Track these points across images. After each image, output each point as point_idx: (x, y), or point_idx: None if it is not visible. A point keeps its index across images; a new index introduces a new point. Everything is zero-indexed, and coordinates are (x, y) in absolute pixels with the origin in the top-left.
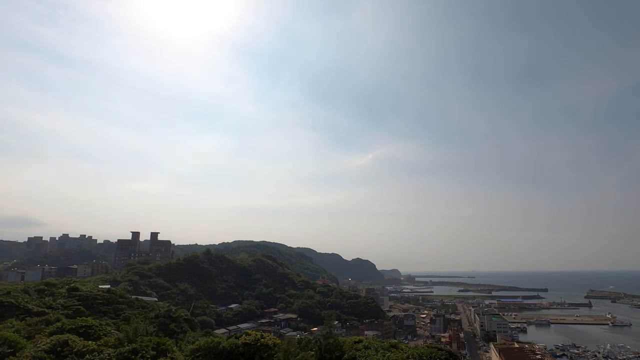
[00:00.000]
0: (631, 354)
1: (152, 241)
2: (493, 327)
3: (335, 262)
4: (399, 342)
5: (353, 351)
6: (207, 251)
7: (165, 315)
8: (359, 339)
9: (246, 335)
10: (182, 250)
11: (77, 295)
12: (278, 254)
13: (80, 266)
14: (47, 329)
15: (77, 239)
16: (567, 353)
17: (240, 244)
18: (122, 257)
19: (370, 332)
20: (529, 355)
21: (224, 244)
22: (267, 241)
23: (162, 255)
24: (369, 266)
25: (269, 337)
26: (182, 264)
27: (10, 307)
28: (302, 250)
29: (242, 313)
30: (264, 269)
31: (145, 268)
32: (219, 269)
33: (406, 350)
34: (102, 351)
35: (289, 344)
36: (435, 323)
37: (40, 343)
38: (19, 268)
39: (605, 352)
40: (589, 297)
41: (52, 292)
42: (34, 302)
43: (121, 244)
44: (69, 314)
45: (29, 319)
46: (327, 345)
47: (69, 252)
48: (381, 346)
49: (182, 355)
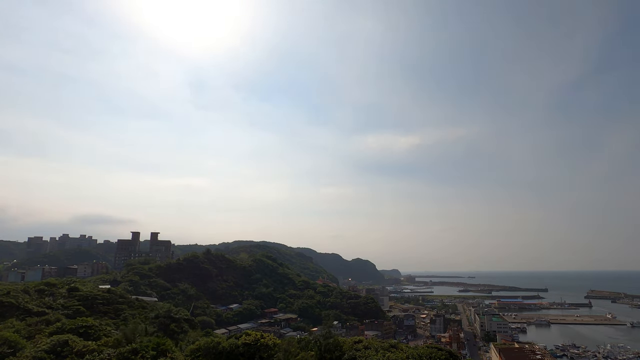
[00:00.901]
0: (631, 354)
1: (152, 241)
2: (493, 327)
3: (335, 262)
4: (399, 342)
5: (353, 351)
6: (207, 251)
7: (166, 315)
8: (359, 339)
9: (246, 335)
10: (182, 250)
11: (77, 296)
12: (278, 254)
13: (80, 266)
14: (47, 329)
15: (77, 239)
16: (567, 353)
17: (240, 244)
18: (122, 257)
19: (370, 332)
20: (529, 355)
21: (224, 244)
22: (267, 241)
23: (162, 255)
24: (369, 266)
25: (269, 337)
26: (182, 264)
27: (10, 307)
28: (302, 250)
29: (242, 313)
30: (264, 269)
31: (145, 268)
32: (219, 269)
33: (406, 351)
34: (102, 351)
35: (289, 344)
36: (435, 323)
37: (40, 343)
38: (19, 268)
39: (605, 352)
40: (589, 297)
41: (52, 292)
42: (34, 302)
43: (121, 244)
44: (69, 314)
45: (29, 319)
46: (327, 345)
47: (69, 252)
48: (381, 346)
49: (182, 355)
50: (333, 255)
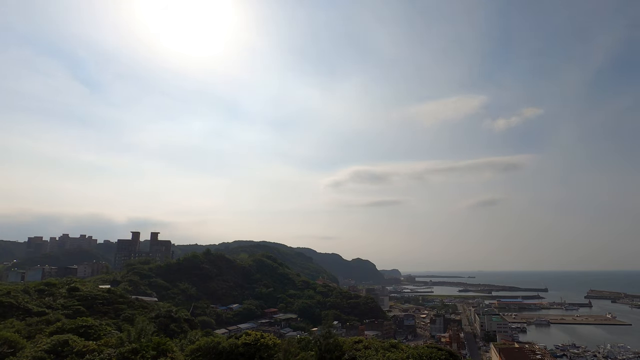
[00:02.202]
0: (631, 354)
1: (152, 241)
2: (493, 327)
3: (335, 262)
4: (399, 342)
5: (353, 351)
6: (207, 251)
7: (166, 315)
8: (359, 339)
9: (246, 335)
10: (182, 250)
11: (77, 296)
12: (278, 254)
13: (81, 266)
14: (47, 329)
15: (77, 239)
16: (567, 353)
17: (240, 244)
18: (122, 257)
19: (370, 332)
20: (529, 355)
21: (224, 244)
22: (267, 241)
23: (162, 255)
24: (369, 266)
25: (269, 337)
26: (182, 264)
27: (11, 307)
28: (302, 250)
29: (242, 313)
30: (264, 269)
31: (145, 268)
32: (219, 269)
33: (406, 350)
34: (102, 351)
35: (289, 344)
36: (435, 323)
37: (40, 343)
38: (19, 268)
39: (606, 352)
40: (589, 297)
41: (52, 292)
42: (34, 302)
43: (121, 244)
44: (69, 314)
45: (29, 319)
46: (327, 345)
47: (69, 252)
48: (381, 346)
49: (182, 355)
50: (333, 255)
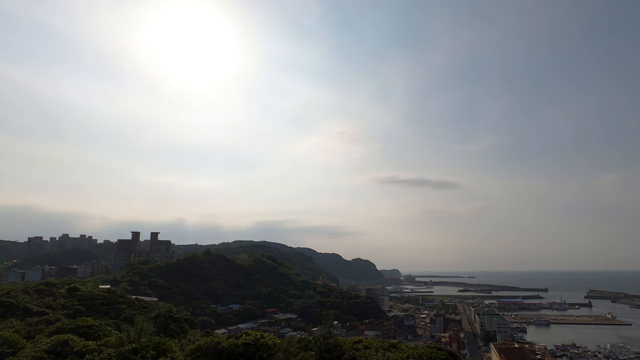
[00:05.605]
0: (631, 354)
1: (152, 241)
2: (493, 327)
3: (335, 262)
4: (399, 342)
5: (353, 351)
6: (207, 251)
7: (166, 315)
8: (359, 339)
9: (246, 335)
10: (182, 250)
11: (77, 295)
12: (278, 254)
13: (80, 266)
14: (47, 329)
15: (77, 239)
16: (567, 353)
17: (240, 244)
18: (122, 257)
19: (370, 332)
20: (529, 355)
21: (224, 244)
22: (267, 241)
23: (162, 255)
24: (369, 266)
25: (269, 337)
26: (182, 264)
27: (10, 307)
28: (302, 250)
29: (242, 313)
30: (264, 269)
31: (145, 268)
32: (219, 269)
33: (406, 350)
34: (102, 351)
35: (289, 344)
36: (435, 323)
37: (40, 343)
38: (19, 268)
39: (606, 352)
40: (589, 297)
41: (52, 292)
42: (34, 302)
43: (121, 244)
44: (69, 314)
45: (29, 319)
46: (327, 345)
47: (69, 252)
48: (381, 346)
49: (182, 355)
50: (333, 255)
